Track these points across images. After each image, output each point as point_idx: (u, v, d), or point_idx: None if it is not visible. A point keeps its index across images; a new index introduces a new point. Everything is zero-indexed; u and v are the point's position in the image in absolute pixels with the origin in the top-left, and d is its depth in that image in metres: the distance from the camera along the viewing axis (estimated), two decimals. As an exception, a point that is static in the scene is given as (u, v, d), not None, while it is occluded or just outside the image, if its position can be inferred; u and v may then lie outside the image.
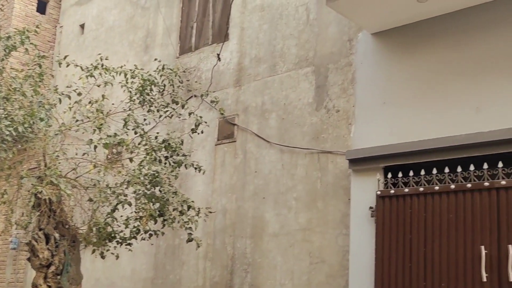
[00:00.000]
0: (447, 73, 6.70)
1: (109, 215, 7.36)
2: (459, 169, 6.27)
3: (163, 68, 8.46)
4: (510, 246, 5.70)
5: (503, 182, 5.88)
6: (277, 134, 8.45)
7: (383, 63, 7.34)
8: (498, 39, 6.40)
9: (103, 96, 7.54)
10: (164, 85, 8.34)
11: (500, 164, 5.96)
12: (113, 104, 8.07)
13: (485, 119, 6.28)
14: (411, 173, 6.61)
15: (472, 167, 6.17)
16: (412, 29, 7.13)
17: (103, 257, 7.63)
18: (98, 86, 7.74)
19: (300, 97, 8.28)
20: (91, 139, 6.83)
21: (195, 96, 9.57)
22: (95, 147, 6.83)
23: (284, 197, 8.13)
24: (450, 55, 6.74)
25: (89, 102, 7.43)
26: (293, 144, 8.18)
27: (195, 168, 7.83)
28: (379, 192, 6.78)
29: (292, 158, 8.15)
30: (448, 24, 6.83)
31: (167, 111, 8.23)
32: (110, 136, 6.98)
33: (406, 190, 6.56)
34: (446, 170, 6.35)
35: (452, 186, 6.22)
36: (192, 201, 7.68)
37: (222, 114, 8.75)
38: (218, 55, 9.36)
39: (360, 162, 7.04)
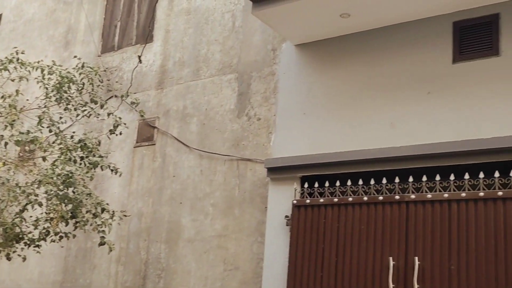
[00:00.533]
0: (366, 88, 6.90)
1: (17, 215, 7.06)
2: (372, 181, 6.46)
3: (82, 66, 8.22)
4: (416, 258, 5.91)
5: (413, 196, 6.10)
6: (197, 139, 8.40)
7: (305, 75, 7.46)
8: (413, 57, 6.65)
9: (17, 91, 7.24)
10: (83, 84, 8.11)
11: (411, 179, 6.19)
12: (27, 100, 7.77)
13: (398, 134, 6.50)
14: (326, 184, 6.75)
15: (384, 181, 6.37)
16: (335, 43, 7.30)
17: (9, 258, 7.31)
18: (13, 80, 7.43)
19: (222, 103, 8.28)
20: (2, 135, 6.55)
21: (115, 96, 9.37)
22: (6, 144, 6.55)
23: (201, 203, 8.09)
24: (369, 70, 6.94)
25: (2, 97, 7.11)
26: (213, 150, 8.16)
27: (112, 170, 7.65)
28: (295, 201, 6.87)
29: (211, 164, 8.13)
30: (368, 40, 7.04)
31: (85, 110, 8.01)
32: (23, 133, 6.71)
33: (321, 200, 6.68)
34: (360, 182, 6.53)
35: (365, 198, 6.40)
36: (107, 204, 7.50)
37: (142, 116, 8.60)
38: (139, 56, 9.19)
39: (278, 171, 7.12)
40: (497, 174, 5.71)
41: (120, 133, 8.21)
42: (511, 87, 5.94)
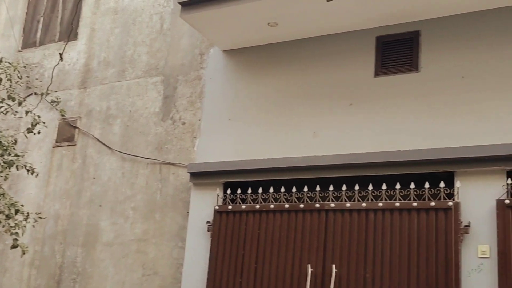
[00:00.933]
0: (291, 97, 6.99)
1: None
2: (294, 189, 6.54)
3: (0, 61, 7.88)
4: (334, 265, 6.03)
5: (332, 205, 6.23)
6: (120, 141, 8.23)
7: (232, 80, 7.48)
8: (337, 69, 6.81)
9: None
10: (1, 79, 7.77)
11: (331, 188, 6.31)
12: None
13: (321, 143, 6.62)
14: (249, 191, 6.77)
15: (305, 189, 6.46)
16: (263, 51, 7.36)
17: None
18: None
19: (147, 106, 8.16)
20: None
21: (35, 94, 9.04)
22: None
23: (122, 206, 7.92)
24: (295, 79, 7.04)
25: None
26: (136, 152, 8.02)
27: (28, 170, 7.36)
28: (217, 207, 6.86)
29: (134, 167, 7.99)
30: (295, 50, 7.14)
31: (1, 107, 7.67)
32: None
33: (243, 206, 6.70)
34: (282, 189, 6.60)
35: (286, 206, 6.47)
36: (21, 205, 7.19)
37: (62, 115, 8.34)
38: (61, 54, 8.88)
39: (201, 176, 7.09)
40: (412, 186, 5.91)
41: (39, 132, 7.90)
42: (428, 102, 6.18)
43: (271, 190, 6.66)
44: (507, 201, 5.41)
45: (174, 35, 8.26)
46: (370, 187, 6.13)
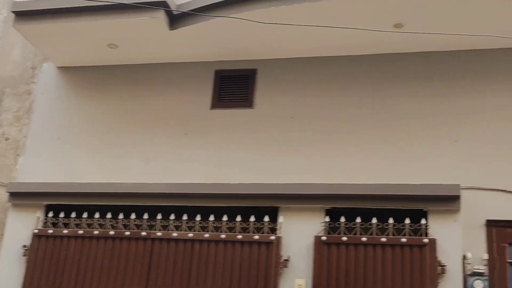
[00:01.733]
0: (126, 121, 6.87)
1: None
2: (121, 216, 6.36)
3: None
4: (156, 295, 5.95)
5: (159, 234, 6.15)
6: None
7: (64, 99, 7.18)
8: (175, 97, 6.85)
9: None
10: None
11: (159, 216, 6.24)
12: None
13: (152, 171, 6.56)
14: (73, 215, 6.48)
15: (133, 216, 6.33)
16: (101, 72, 7.18)
17: None
18: None
19: (-33, 117, 7.52)
20: None
21: None
22: None
23: None
24: (132, 104, 6.94)
25: None
26: (-51, 166, 7.32)
27: None
28: (36, 231, 6.45)
29: None
30: (135, 74, 7.06)
31: None
32: None
33: (65, 231, 6.38)
34: (109, 215, 6.39)
35: (112, 232, 6.27)
36: None
37: None
38: None
39: (21, 197, 6.64)
40: (238, 218, 6.05)
41: None
42: (260, 139, 6.42)
43: (97, 215, 6.42)
44: (324, 238, 5.73)
45: (5, 45, 7.75)
46: (198, 217, 6.16)
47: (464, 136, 5.98)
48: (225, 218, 6.09)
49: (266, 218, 5.96)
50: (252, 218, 6.01)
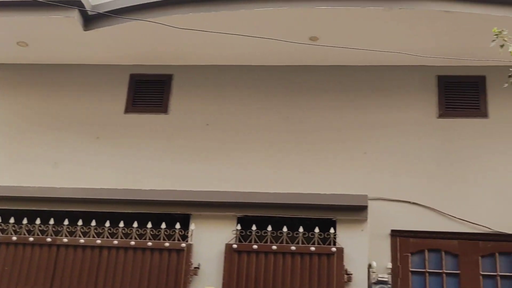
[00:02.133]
0: (34, 123, 6.65)
1: None
2: (25, 221, 6.08)
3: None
4: (59, 304, 5.74)
5: (66, 240, 5.94)
6: None
7: (-31, 97, 6.84)
8: (88, 100, 6.71)
9: None
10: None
11: (66, 222, 6.01)
12: None
13: (61, 175, 6.36)
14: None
15: (38, 221, 6.07)
16: (10, 70, 6.92)
17: None
18: None
19: None
20: None
21: None
22: None
23: None
24: (41, 105, 6.73)
25: None
26: None
27: None
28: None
29: None
30: (46, 75, 6.88)
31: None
32: None
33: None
34: (12, 220, 6.10)
35: (14, 238, 5.97)
36: None
37: None
38: None
39: None
40: (149, 225, 5.94)
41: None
42: (174, 145, 6.39)
43: (12, 220, 6.11)
44: (235, 246, 5.73)
45: None
46: (107, 223, 6.00)
47: (372, 148, 6.18)
48: (135, 224, 5.96)
49: (178, 225, 5.90)
50: (163, 225, 5.93)
